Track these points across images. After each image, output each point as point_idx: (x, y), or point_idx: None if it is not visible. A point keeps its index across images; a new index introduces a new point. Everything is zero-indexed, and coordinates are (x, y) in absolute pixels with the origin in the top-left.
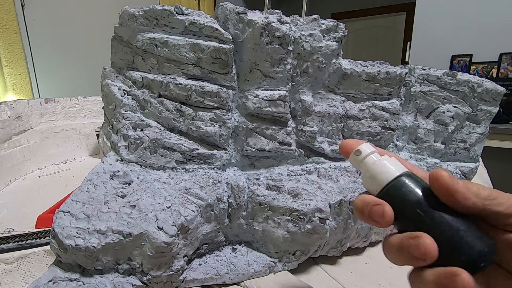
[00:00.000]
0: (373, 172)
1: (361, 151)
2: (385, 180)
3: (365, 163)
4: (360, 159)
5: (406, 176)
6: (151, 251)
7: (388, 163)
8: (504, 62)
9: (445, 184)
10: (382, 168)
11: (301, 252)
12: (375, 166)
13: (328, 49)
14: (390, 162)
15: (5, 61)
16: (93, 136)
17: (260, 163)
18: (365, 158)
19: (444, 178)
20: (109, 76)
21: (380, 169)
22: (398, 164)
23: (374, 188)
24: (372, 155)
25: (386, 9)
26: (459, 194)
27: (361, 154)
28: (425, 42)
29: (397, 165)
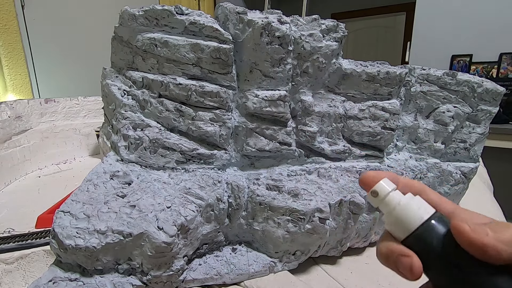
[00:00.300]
0: (398, 216)
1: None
2: (412, 226)
3: (386, 204)
4: (380, 200)
5: (436, 220)
6: (151, 251)
7: (414, 204)
8: (504, 62)
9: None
10: (408, 211)
11: (301, 252)
12: (399, 209)
13: (328, 49)
14: (415, 202)
15: (5, 61)
16: (93, 136)
17: (260, 163)
18: (385, 197)
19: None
20: (109, 76)
21: (406, 212)
22: (423, 204)
23: (399, 234)
24: (393, 193)
25: (386, 9)
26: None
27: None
28: (425, 42)
29: (423, 206)
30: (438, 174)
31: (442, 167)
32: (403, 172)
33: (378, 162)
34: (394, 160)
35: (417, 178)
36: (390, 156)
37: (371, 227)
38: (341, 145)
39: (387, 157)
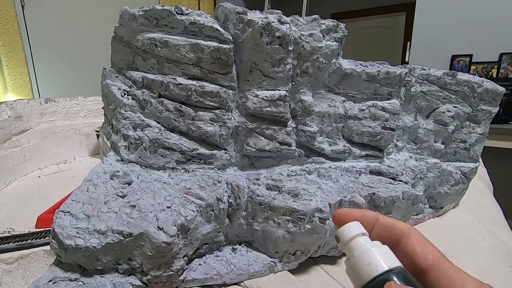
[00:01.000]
0: (356, 262)
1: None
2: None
3: (349, 248)
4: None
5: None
6: (151, 251)
7: (377, 252)
8: (504, 62)
9: None
10: (368, 258)
11: (301, 252)
12: (355, 258)
13: (328, 49)
14: (380, 251)
15: (5, 61)
16: (93, 136)
17: (260, 163)
18: (347, 243)
19: None
20: (109, 76)
21: (365, 259)
22: (390, 255)
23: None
24: (357, 239)
25: (386, 9)
26: None
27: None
28: (425, 42)
29: (388, 257)
30: (438, 174)
31: (442, 167)
32: (403, 172)
33: (378, 162)
34: (394, 160)
35: (417, 178)
36: (390, 156)
37: None
38: (341, 145)
39: (387, 157)
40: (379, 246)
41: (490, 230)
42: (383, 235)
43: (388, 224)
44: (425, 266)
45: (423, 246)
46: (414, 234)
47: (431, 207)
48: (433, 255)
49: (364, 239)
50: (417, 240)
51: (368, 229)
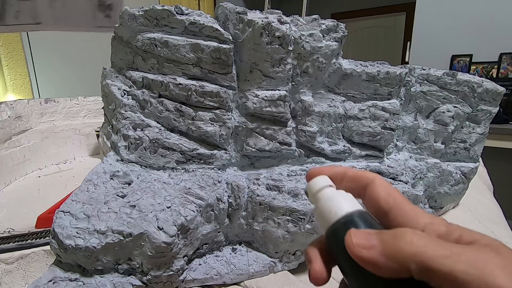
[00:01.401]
0: (322, 207)
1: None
2: (331, 220)
3: (316, 199)
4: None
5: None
6: (151, 251)
7: (340, 199)
8: (504, 62)
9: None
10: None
11: (301, 252)
12: (327, 200)
13: (328, 49)
14: (342, 198)
15: (5, 61)
16: (93, 136)
17: (260, 163)
18: (315, 194)
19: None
20: (109, 76)
21: (331, 203)
22: (352, 200)
23: (322, 228)
24: (324, 190)
25: (386, 9)
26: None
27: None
28: (425, 42)
29: (350, 202)
30: (438, 174)
31: (442, 167)
32: (403, 172)
33: (378, 162)
34: (394, 160)
35: (417, 178)
36: (390, 156)
37: None
38: (341, 145)
39: (387, 157)
40: (342, 194)
41: (490, 230)
42: (351, 186)
43: (355, 175)
44: (386, 208)
45: (386, 190)
46: (379, 181)
47: (431, 207)
48: (394, 198)
49: (330, 190)
50: (381, 186)
51: (338, 183)
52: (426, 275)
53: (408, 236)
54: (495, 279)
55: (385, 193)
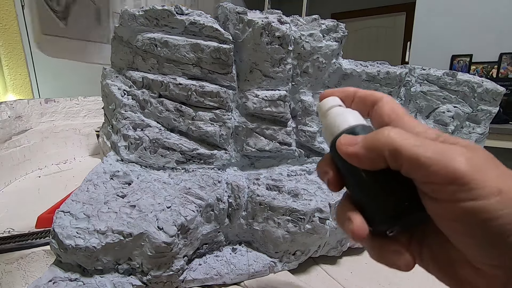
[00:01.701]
0: (330, 121)
1: (319, 110)
2: (336, 131)
3: (325, 115)
4: (321, 115)
5: (362, 127)
6: (151, 251)
7: (348, 114)
8: (504, 62)
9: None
10: (340, 118)
11: (301, 252)
12: (334, 116)
13: (328, 49)
14: (349, 114)
15: (5, 61)
16: (93, 136)
17: (260, 163)
18: (327, 111)
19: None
20: (109, 76)
21: (338, 119)
22: (358, 116)
23: (328, 139)
24: (335, 108)
25: (386, 9)
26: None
27: (320, 111)
28: (425, 42)
29: (357, 117)
30: None
31: None
32: None
33: None
34: None
35: None
36: None
37: None
38: None
39: None
40: (349, 111)
41: None
42: (361, 105)
43: (364, 94)
44: (388, 122)
45: (390, 107)
46: (386, 98)
47: None
48: (396, 113)
49: (338, 108)
50: (387, 103)
51: (348, 103)
52: (396, 161)
53: (386, 131)
54: (454, 163)
55: (389, 108)
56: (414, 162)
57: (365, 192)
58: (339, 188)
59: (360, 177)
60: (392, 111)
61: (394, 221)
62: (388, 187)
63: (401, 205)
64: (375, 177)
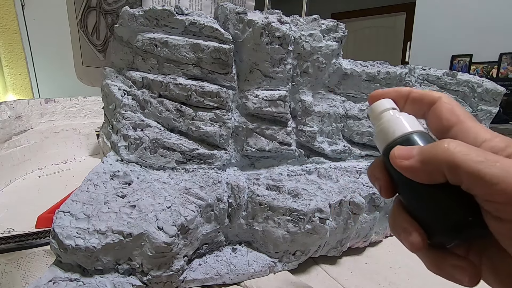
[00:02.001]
0: (383, 127)
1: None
2: (391, 137)
3: (378, 119)
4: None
5: (418, 135)
6: (151, 251)
7: (403, 119)
8: (504, 62)
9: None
10: (394, 123)
11: (301, 252)
12: (388, 121)
13: (328, 49)
14: (405, 118)
15: (5, 61)
16: (93, 136)
17: (260, 163)
18: (379, 114)
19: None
20: (109, 76)
21: (392, 124)
22: (415, 122)
23: (381, 145)
24: (389, 111)
25: (386, 9)
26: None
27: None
28: (425, 42)
29: (413, 123)
30: None
31: None
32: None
33: None
34: None
35: None
36: None
37: (371, 227)
38: (341, 145)
39: None
40: (403, 115)
41: None
42: (416, 107)
43: (420, 95)
44: (447, 126)
45: (449, 108)
46: (444, 99)
47: None
48: (457, 115)
49: (393, 111)
50: (445, 104)
51: (401, 105)
52: (456, 177)
53: (445, 143)
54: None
55: (448, 110)
56: (475, 180)
57: (423, 205)
58: (391, 195)
59: (417, 189)
60: (451, 114)
61: (454, 236)
62: (448, 201)
63: (462, 220)
64: (434, 190)
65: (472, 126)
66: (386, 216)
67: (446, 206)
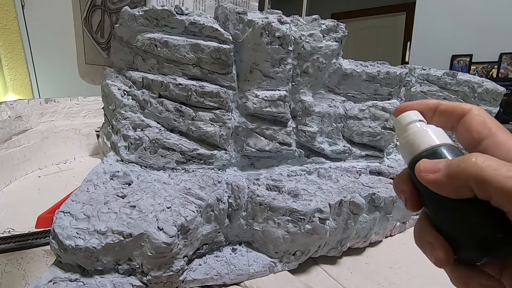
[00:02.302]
0: (410, 139)
1: (397, 124)
2: (418, 149)
3: (405, 130)
4: (400, 128)
5: (446, 148)
6: (151, 251)
7: (430, 131)
8: (504, 62)
9: (419, 177)
10: (421, 136)
11: (301, 252)
12: (414, 133)
13: (328, 49)
14: (433, 130)
15: (5, 61)
16: (93, 136)
17: (260, 163)
18: (406, 126)
19: (417, 170)
20: (109, 76)
21: (419, 136)
22: (443, 134)
23: (407, 157)
24: (416, 123)
25: (386, 9)
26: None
27: (398, 126)
28: (425, 42)
29: (441, 135)
30: None
31: None
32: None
33: (378, 162)
34: (394, 160)
35: None
36: (390, 156)
37: (371, 227)
38: (341, 145)
39: (387, 157)
40: (431, 127)
41: None
42: (445, 119)
43: (449, 107)
44: (478, 139)
45: (480, 120)
46: (475, 111)
47: None
48: (489, 128)
49: (420, 124)
50: (476, 116)
51: (429, 117)
52: (485, 193)
53: (473, 158)
54: None
55: (479, 123)
56: (505, 196)
57: (450, 219)
58: (418, 209)
59: (443, 203)
60: (483, 127)
61: (481, 252)
62: (476, 216)
63: (491, 236)
64: (462, 205)
65: (505, 139)
66: (386, 216)
67: (474, 220)
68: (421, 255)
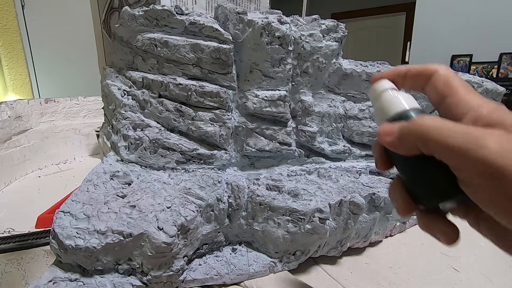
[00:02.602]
0: (381, 105)
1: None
2: (390, 114)
3: (378, 98)
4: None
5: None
6: (151, 251)
7: (401, 97)
8: (504, 62)
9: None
10: (391, 102)
11: (301, 252)
12: (385, 100)
13: (328, 49)
14: (403, 96)
15: (5, 61)
16: (93, 136)
17: (260, 163)
18: (379, 94)
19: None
20: (109, 76)
21: (389, 103)
22: (412, 100)
23: (380, 122)
24: (387, 91)
25: (386, 9)
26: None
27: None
28: (425, 42)
29: (410, 101)
30: None
31: None
32: None
33: None
34: None
35: None
36: None
37: (371, 227)
38: (341, 145)
39: None
40: (401, 94)
41: None
42: (415, 83)
43: (417, 71)
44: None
45: (444, 79)
46: (440, 71)
47: None
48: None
49: (392, 91)
50: (441, 76)
51: (400, 83)
52: (427, 150)
53: (420, 119)
54: (483, 150)
55: (443, 82)
56: (443, 151)
57: (408, 175)
58: (387, 167)
59: (402, 161)
60: (446, 85)
61: (434, 202)
62: (425, 171)
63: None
64: (413, 162)
65: (464, 94)
66: (386, 216)
67: (424, 174)
68: (421, 255)
